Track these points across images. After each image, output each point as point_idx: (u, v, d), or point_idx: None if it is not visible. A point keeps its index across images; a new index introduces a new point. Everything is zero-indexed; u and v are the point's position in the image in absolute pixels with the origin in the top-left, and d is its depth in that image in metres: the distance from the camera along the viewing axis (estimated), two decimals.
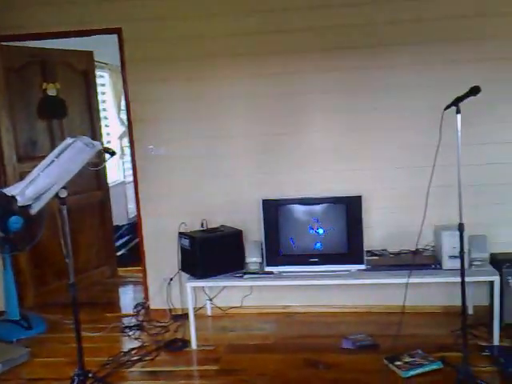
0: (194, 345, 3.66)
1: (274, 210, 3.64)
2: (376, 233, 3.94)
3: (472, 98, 2.71)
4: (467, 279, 3.29)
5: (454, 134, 2.77)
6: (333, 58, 3.85)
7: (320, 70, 3.88)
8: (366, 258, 3.62)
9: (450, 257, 3.38)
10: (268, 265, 3.67)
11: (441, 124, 2.75)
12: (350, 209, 3.57)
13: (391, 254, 3.86)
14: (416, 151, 3.76)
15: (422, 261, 3.60)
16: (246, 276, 3.64)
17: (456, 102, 2.71)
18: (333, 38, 3.83)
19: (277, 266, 3.67)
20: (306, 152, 3.99)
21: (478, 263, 3.51)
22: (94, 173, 4.68)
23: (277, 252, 3.67)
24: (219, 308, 4.22)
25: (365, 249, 3.63)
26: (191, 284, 3.67)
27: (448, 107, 2.74)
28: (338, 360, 3.34)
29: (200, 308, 4.18)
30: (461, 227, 2.89)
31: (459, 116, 2.72)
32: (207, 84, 4.00)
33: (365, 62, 3.82)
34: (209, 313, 4.23)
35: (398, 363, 3.18)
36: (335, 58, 3.85)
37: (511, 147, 3.77)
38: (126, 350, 3.68)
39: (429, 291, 3.88)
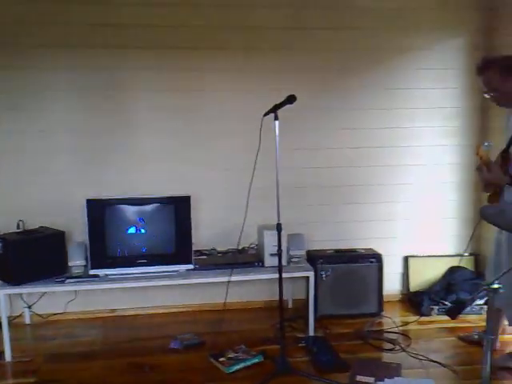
0: (8, 357, 3.36)
1: (99, 211, 3.50)
2: (205, 233, 4.01)
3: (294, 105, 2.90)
4: (286, 275, 3.53)
5: (281, 138, 2.94)
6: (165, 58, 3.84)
7: (142, 67, 3.83)
8: (194, 257, 3.66)
9: (271, 255, 3.56)
10: (93, 268, 3.52)
11: (260, 129, 2.89)
12: (179, 209, 3.58)
13: (219, 252, 3.96)
14: (243, 154, 3.89)
15: (246, 259, 3.75)
16: (68, 280, 3.45)
17: (274, 110, 2.87)
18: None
19: (102, 268, 3.53)
20: (136, 152, 3.92)
21: (296, 260, 3.76)
22: None
23: (102, 254, 3.53)
24: (39, 315, 3.94)
25: (194, 248, 3.67)
26: (4, 291, 3.36)
27: (267, 114, 2.88)
28: (165, 361, 3.32)
29: (17, 316, 3.87)
30: (278, 227, 3.06)
31: (277, 122, 2.88)
32: (24, 74, 3.71)
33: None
34: (27, 321, 3.92)
35: (222, 359, 3.26)
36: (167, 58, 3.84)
37: (326, 152, 4.10)
38: None
39: (253, 288, 4.07)
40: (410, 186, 4.23)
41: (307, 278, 3.67)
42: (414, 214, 4.26)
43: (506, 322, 3.36)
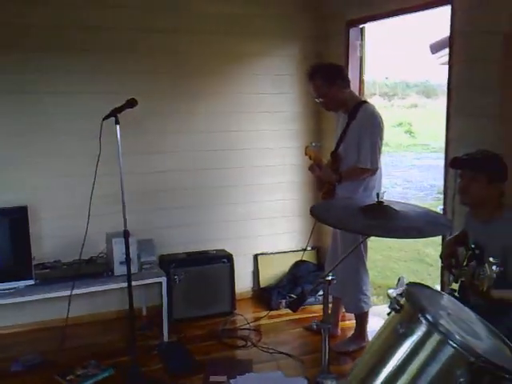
0: None
1: None
2: (48, 244, 3.76)
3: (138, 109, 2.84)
4: (138, 283, 3.46)
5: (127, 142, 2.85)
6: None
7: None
8: (36, 271, 3.41)
9: (121, 263, 3.45)
10: None
11: (100, 133, 2.78)
12: (15, 221, 3.31)
13: (64, 264, 3.72)
14: (88, 160, 3.71)
15: (94, 269, 3.59)
16: None
17: (114, 113, 2.78)
18: None
19: None
20: None
21: (148, 266, 3.70)
22: None
23: None
24: None
25: (36, 262, 3.42)
26: None
27: (107, 117, 2.78)
28: None
29: None
30: (125, 234, 2.97)
31: (118, 126, 2.79)
32: None
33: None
34: None
35: (70, 377, 3.08)
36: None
37: (173, 156, 4.09)
38: None
39: (104, 298, 3.89)
40: (257, 186, 4.39)
41: (160, 283, 3.63)
42: (261, 214, 4.43)
43: (344, 310, 3.66)
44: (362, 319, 3.45)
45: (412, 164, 12.97)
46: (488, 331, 1.68)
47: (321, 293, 4.04)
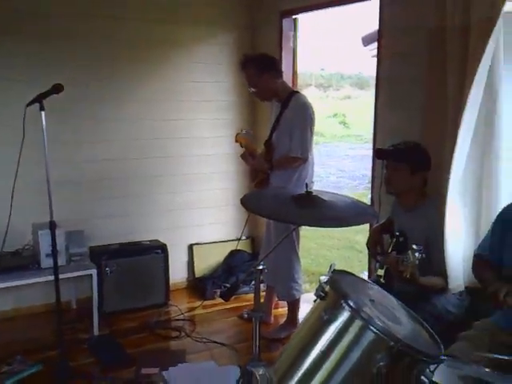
0: None
1: None
2: None
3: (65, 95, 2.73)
4: (66, 275, 3.36)
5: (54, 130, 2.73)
6: None
7: None
8: None
9: (47, 255, 3.32)
10: None
11: (24, 120, 2.66)
12: None
13: None
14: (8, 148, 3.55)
15: (19, 262, 3.43)
16: None
17: (38, 99, 2.66)
18: None
19: None
20: None
21: (77, 258, 3.59)
22: None
23: None
24: None
25: None
26: None
27: (31, 103, 2.66)
28: None
29: None
30: (52, 225, 2.87)
31: (43, 113, 2.68)
32: None
33: None
34: None
35: None
36: None
37: (104, 144, 3.97)
38: None
39: (31, 292, 3.74)
40: (191, 175, 4.35)
41: (90, 275, 3.54)
42: (196, 204, 4.40)
43: (277, 298, 3.72)
44: (293, 306, 3.52)
45: (346, 154, 13.31)
46: (408, 316, 1.75)
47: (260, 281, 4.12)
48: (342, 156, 13.14)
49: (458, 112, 2.46)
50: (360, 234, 6.20)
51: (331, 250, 6.27)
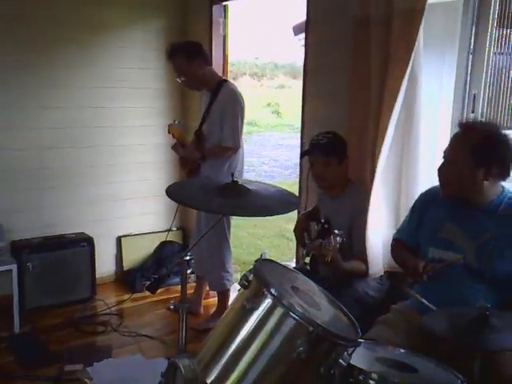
0: None
1: None
2: None
3: None
4: None
5: None
6: None
7: None
8: None
9: None
10: None
11: None
12: None
13: None
14: None
15: None
16: None
17: None
18: None
19: None
20: None
21: None
22: None
23: None
24: None
25: None
26: None
27: None
28: None
29: None
30: None
31: None
32: None
33: None
34: None
35: None
36: None
37: (25, 133, 3.76)
38: None
39: None
40: (120, 166, 4.22)
41: (10, 271, 3.36)
42: (125, 195, 4.27)
43: (208, 288, 3.71)
44: (224, 296, 3.51)
45: (279, 143, 13.45)
46: (329, 302, 1.78)
47: (187, 272, 4.08)
48: (275, 145, 13.26)
49: (381, 101, 2.52)
50: (291, 222, 6.22)
51: (262, 239, 6.32)
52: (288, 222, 6.31)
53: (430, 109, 2.62)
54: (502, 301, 1.91)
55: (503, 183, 2.05)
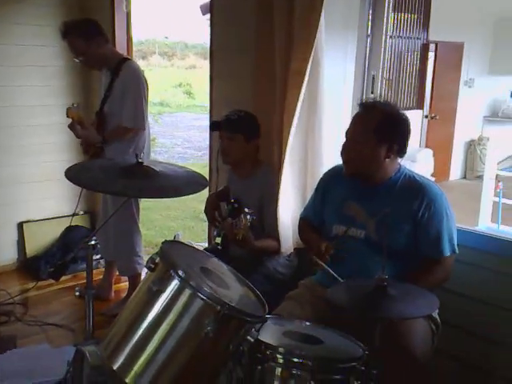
0: None
1: None
2: None
3: None
4: None
5: None
6: None
7: None
8: None
9: None
10: None
11: None
12: None
13: None
14: None
15: None
16: None
17: None
18: None
19: None
20: None
21: None
22: None
23: None
24: None
25: None
26: None
27: None
28: None
29: None
30: None
31: None
32: None
33: None
34: None
35: None
36: None
37: None
38: None
39: None
40: (17, 148, 3.97)
41: None
42: (25, 178, 4.04)
43: (118, 272, 3.62)
44: (134, 280, 3.43)
45: (192, 124, 13.32)
46: (237, 280, 1.80)
47: (97, 257, 3.95)
48: (188, 126, 13.12)
49: (287, 82, 2.55)
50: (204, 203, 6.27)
51: (176, 221, 6.26)
52: (202, 203, 6.21)
53: (335, 90, 2.70)
54: (400, 272, 2.02)
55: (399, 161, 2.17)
